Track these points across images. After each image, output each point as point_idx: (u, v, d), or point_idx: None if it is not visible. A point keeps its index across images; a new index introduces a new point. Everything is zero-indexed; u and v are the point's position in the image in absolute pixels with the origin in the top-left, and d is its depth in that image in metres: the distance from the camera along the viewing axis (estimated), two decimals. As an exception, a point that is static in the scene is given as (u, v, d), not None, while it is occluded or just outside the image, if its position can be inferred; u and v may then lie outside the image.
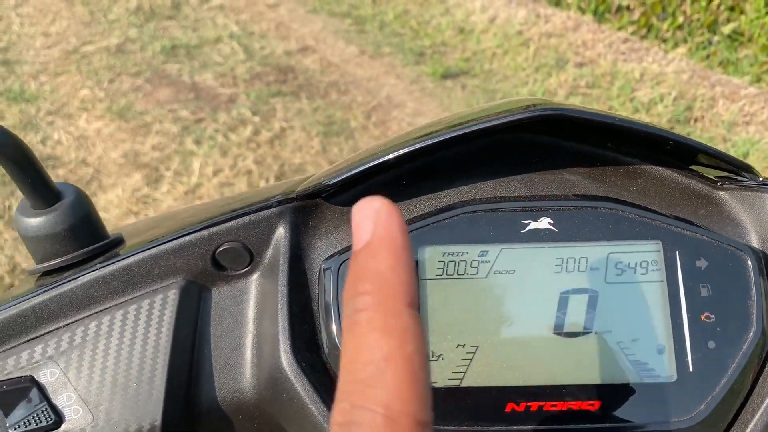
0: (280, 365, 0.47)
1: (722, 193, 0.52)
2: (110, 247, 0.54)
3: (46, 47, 3.68)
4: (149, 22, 3.88)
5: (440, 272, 0.48)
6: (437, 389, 0.46)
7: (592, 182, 0.52)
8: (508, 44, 3.69)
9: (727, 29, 3.58)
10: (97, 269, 0.50)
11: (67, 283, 0.50)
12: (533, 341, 0.47)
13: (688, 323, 0.47)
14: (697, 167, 0.54)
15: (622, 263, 0.48)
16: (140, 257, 0.50)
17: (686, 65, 3.39)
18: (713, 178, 0.53)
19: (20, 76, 3.42)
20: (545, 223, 0.49)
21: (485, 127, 0.47)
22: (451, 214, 0.49)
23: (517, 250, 0.48)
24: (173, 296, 0.50)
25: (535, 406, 0.46)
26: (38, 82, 3.37)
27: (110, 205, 2.57)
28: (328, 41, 3.75)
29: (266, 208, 0.51)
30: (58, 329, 0.49)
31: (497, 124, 0.47)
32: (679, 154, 0.53)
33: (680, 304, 0.47)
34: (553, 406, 0.46)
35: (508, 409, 0.46)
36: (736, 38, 3.58)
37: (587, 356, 0.46)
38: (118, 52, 3.60)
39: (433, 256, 0.48)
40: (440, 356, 0.46)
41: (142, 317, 0.49)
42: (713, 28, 3.66)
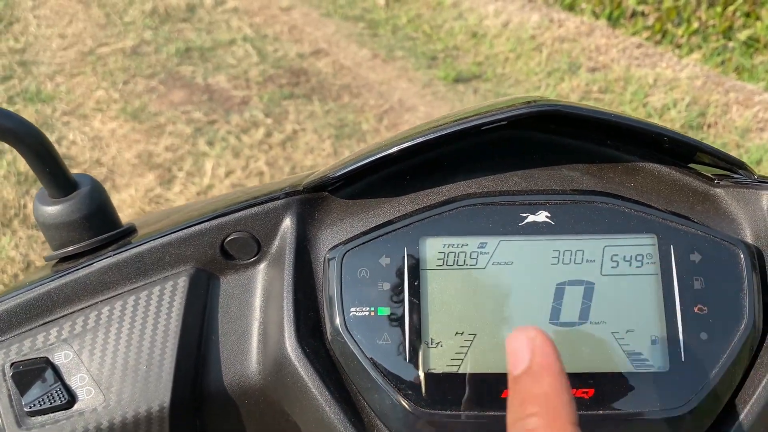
0: (284, 351, 0.49)
1: (718, 190, 0.53)
2: (123, 235, 0.56)
3: (62, 49, 3.74)
4: (164, 24, 3.93)
5: (441, 263, 0.49)
6: (435, 374, 0.48)
7: (590, 178, 0.53)
8: (520, 48, 3.70)
9: (742, 35, 3.57)
10: (110, 256, 0.52)
11: (81, 268, 0.52)
12: None
13: (681, 315, 0.48)
14: (694, 165, 0.55)
15: (617, 256, 0.49)
16: (152, 245, 0.52)
17: (700, 71, 3.38)
18: (710, 175, 0.54)
19: (37, 76, 3.47)
20: (543, 216, 0.50)
21: (485, 122, 0.49)
22: (452, 206, 0.51)
23: (515, 242, 0.49)
24: (183, 283, 0.52)
25: None
26: (54, 82, 3.42)
27: (123, 204, 2.60)
28: (340, 44, 3.78)
29: (274, 199, 0.53)
30: (72, 313, 0.51)
31: (496, 119, 0.49)
32: (676, 151, 0.54)
33: (674, 296, 0.48)
34: None
35: (504, 395, 0.47)
36: (751, 44, 3.56)
37: (582, 346, 0.48)
38: (133, 54, 3.64)
39: (434, 247, 0.50)
40: (439, 343, 0.48)
41: (152, 303, 0.51)
42: (728, 34, 3.65)
